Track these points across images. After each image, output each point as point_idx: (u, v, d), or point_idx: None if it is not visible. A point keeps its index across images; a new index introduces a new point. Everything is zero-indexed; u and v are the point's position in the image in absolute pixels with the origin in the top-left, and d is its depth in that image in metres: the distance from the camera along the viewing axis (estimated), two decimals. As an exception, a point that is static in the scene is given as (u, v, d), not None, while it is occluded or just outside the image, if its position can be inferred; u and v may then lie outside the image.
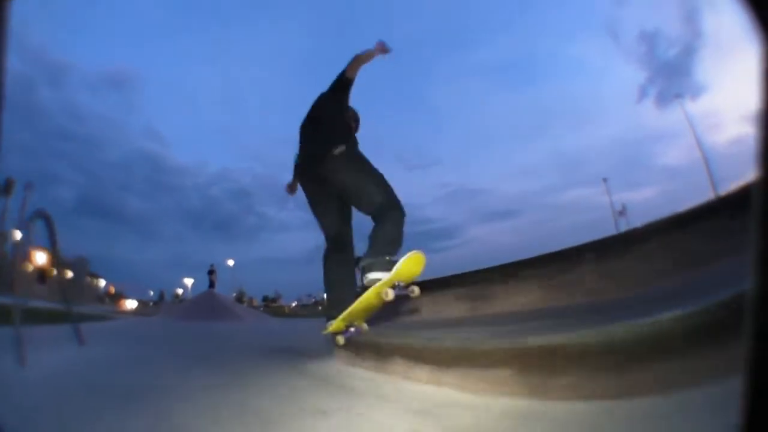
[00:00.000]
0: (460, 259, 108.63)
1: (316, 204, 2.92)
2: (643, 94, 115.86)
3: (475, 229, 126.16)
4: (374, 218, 2.63)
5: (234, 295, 42.06)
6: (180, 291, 61.80)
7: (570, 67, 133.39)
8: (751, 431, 0.45)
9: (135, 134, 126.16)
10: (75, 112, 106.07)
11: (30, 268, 35.52)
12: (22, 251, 6.85)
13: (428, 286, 3.42)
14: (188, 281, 56.98)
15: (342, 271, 2.83)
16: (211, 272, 19.02)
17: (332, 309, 2.68)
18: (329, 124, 2.83)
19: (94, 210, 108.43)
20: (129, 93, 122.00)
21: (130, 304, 58.87)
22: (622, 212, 39.12)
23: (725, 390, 0.68)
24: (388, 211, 2.57)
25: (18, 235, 33.86)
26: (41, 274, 35.41)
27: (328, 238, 2.89)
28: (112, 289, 64.49)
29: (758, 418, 0.45)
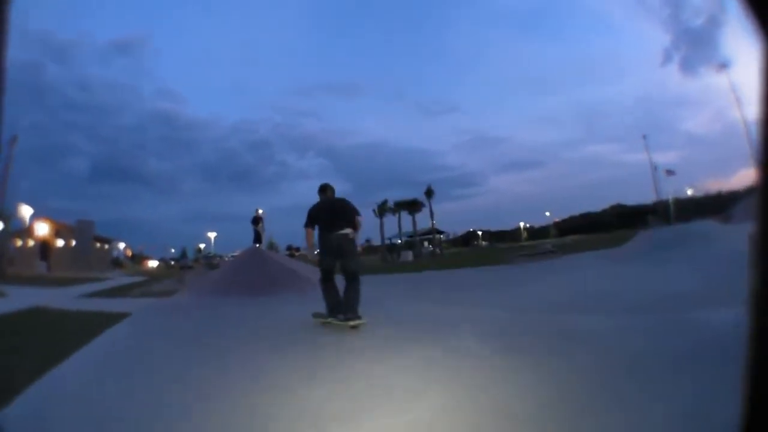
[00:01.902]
0: (480, 207, 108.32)
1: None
2: (667, 57, 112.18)
3: (495, 179, 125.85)
4: (348, 277, 5.00)
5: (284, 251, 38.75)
6: (202, 246, 62.45)
7: (592, 21, 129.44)
8: (752, 431, 0.46)
9: (148, 96, 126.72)
10: (84, 83, 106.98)
11: (30, 243, 35.52)
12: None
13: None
14: (211, 235, 57.06)
15: (332, 290, 5.06)
16: (256, 221, 13.86)
17: (329, 310, 5.03)
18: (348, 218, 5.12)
19: (111, 175, 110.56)
20: (138, 57, 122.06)
21: (152, 263, 60.01)
22: (670, 172, 38.35)
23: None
24: (358, 278, 5.00)
25: (25, 210, 33.47)
26: (43, 247, 34.96)
27: (325, 270, 5.09)
28: (129, 252, 65.08)
29: (758, 418, 0.45)
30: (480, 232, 76.46)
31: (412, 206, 42.93)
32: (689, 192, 48.77)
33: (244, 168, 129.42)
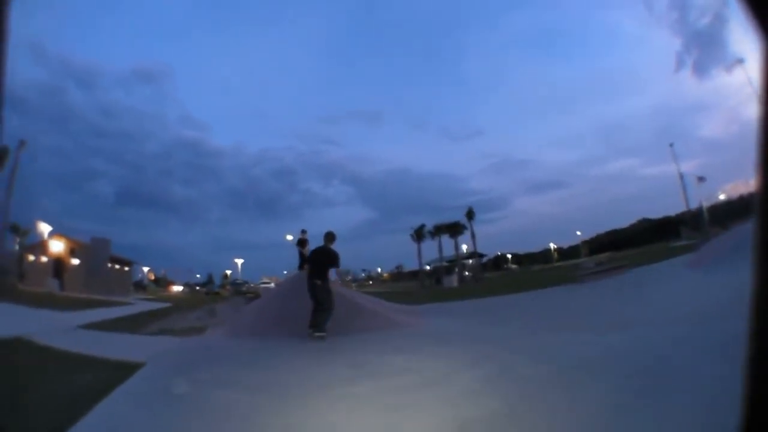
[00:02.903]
0: (505, 231, 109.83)
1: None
2: (680, 63, 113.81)
3: (520, 201, 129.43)
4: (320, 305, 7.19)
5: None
6: (228, 272, 61.72)
7: (604, 36, 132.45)
8: (752, 431, 0.45)
9: (172, 124, 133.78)
10: (108, 109, 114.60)
11: (44, 259, 35.65)
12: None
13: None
14: (238, 261, 56.54)
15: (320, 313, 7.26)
16: (302, 242, 11.03)
17: (312, 325, 7.09)
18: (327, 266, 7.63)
19: (136, 200, 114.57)
20: (161, 86, 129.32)
21: (177, 288, 59.47)
22: (701, 179, 37.39)
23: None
24: (329, 310, 7.22)
25: (43, 227, 33.56)
26: (57, 264, 34.93)
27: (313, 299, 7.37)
28: (152, 276, 65.08)
29: (758, 419, 0.45)
30: (509, 255, 75.55)
31: (453, 229, 41.46)
32: (722, 197, 46.00)
33: (269, 196, 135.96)
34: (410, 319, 8.59)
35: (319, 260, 7.47)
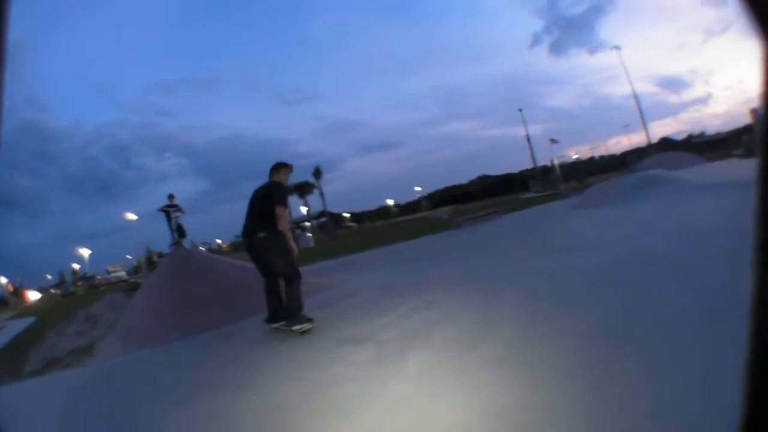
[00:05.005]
0: (340, 191, 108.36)
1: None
2: (537, 40, 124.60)
3: (354, 161, 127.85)
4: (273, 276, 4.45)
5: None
6: (76, 266, 55.08)
7: (462, 5, 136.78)
8: (752, 431, 0.46)
9: (19, 106, 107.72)
10: None
11: None
12: None
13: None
14: (84, 252, 50.53)
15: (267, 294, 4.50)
16: (171, 208, 9.89)
17: (270, 314, 4.43)
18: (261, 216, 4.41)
19: None
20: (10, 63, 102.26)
21: (33, 296, 47.94)
22: (554, 141, 41.79)
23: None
24: (294, 278, 4.30)
25: None
26: None
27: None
28: (11, 287, 55.19)
29: (758, 419, 0.45)
30: (347, 214, 73.74)
31: (302, 189, 40.23)
32: (574, 156, 53.82)
33: (107, 175, 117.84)
34: (325, 280, 7.19)
35: (252, 204, 4.51)
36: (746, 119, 37.31)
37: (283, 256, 4.23)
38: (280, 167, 4.67)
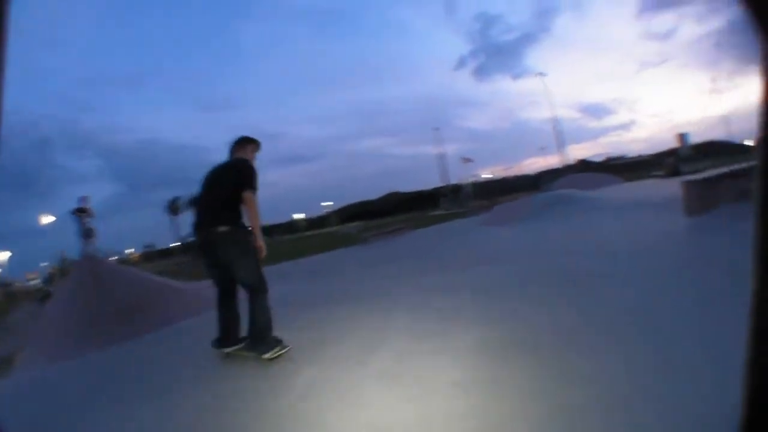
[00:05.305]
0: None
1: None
2: (461, 63, 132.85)
3: (267, 174, 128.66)
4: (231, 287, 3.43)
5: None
6: None
7: (393, 27, 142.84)
8: (751, 431, 0.46)
9: None
10: None
11: None
12: None
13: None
14: (2, 255, 43.18)
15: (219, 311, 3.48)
16: (81, 211, 9.30)
17: (221, 335, 3.42)
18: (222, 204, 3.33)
19: None
20: None
21: None
22: (468, 159, 44.15)
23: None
24: (259, 291, 3.25)
25: None
26: None
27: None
28: None
29: (758, 419, 0.46)
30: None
31: None
32: (486, 176, 56.33)
33: (29, 171, 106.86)
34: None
35: (210, 187, 3.42)
36: (671, 144, 39.58)
37: (249, 259, 3.23)
38: (246, 142, 3.61)
